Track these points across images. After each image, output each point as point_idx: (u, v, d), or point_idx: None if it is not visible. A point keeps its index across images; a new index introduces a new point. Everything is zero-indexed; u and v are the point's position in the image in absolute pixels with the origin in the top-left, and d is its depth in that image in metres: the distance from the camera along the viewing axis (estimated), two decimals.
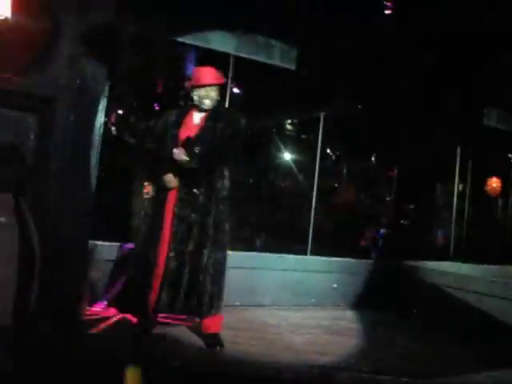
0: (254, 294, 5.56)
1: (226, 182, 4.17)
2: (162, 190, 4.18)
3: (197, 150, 4.03)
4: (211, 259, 4.04)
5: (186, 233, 4.04)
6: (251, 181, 7.20)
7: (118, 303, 4.66)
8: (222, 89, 4.33)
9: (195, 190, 4.07)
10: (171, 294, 4.00)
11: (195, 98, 4.19)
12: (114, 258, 4.97)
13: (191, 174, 4.06)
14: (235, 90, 7.10)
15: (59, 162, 3.73)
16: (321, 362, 4.00)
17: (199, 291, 4.01)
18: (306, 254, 6.28)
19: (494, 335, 4.93)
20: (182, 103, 5.39)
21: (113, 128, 6.47)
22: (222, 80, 4.27)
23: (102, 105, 4.18)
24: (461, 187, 8.36)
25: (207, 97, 4.15)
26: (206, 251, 4.03)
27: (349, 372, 3.89)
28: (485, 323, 5.15)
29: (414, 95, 6.75)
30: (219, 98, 4.25)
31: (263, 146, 7.60)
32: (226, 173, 4.17)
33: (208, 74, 4.22)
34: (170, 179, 4.10)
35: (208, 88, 4.15)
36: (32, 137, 3.85)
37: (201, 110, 4.20)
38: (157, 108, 7.26)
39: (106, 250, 4.94)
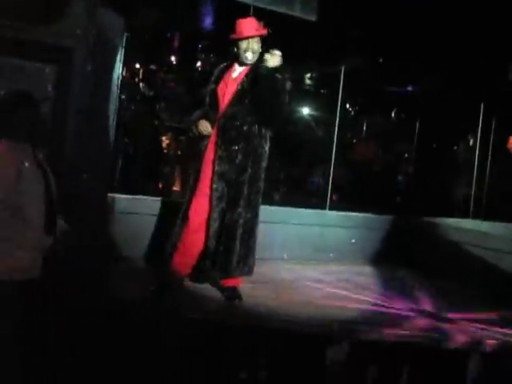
0: (272, 248, 5.55)
1: (264, 141, 4.12)
2: (200, 141, 4.13)
3: (233, 124, 4.00)
4: (242, 219, 4.03)
5: (224, 190, 4.01)
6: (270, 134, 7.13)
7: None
8: (264, 41, 4.15)
9: (234, 147, 4.02)
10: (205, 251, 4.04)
11: (238, 51, 4.09)
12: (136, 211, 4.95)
13: (230, 129, 4.02)
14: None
15: (77, 114, 3.71)
16: (340, 317, 4.01)
17: (229, 250, 4.00)
18: (324, 209, 6.24)
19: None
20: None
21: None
22: (264, 31, 4.13)
23: (120, 56, 4.13)
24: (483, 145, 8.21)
25: (249, 49, 4.04)
26: (239, 210, 4.01)
27: (367, 326, 3.91)
28: (504, 281, 5.12)
29: (438, 49, 6.57)
30: (261, 51, 4.11)
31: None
32: (265, 131, 4.12)
33: (249, 25, 4.09)
34: (204, 126, 4.03)
35: (250, 40, 4.04)
36: (50, 88, 3.81)
37: (242, 64, 4.11)
38: (174, 62, 7.20)
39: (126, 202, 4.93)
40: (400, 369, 3.65)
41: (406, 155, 8.13)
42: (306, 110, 7.89)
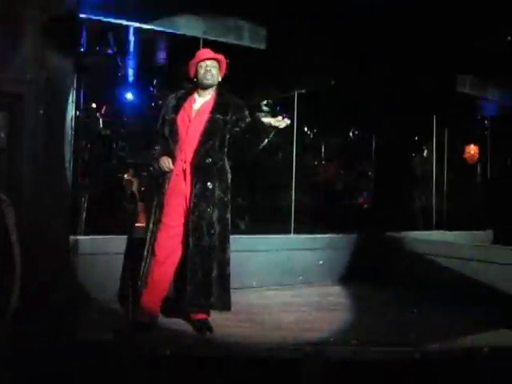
0: (240, 277, 5.52)
1: (229, 173, 4.17)
2: (160, 176, 4.12)
3: (208, 161, 4.02)
4: (217, 253, 4.04)
5: (200, 225, 3.99)
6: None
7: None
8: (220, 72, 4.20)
9: (211, 185, 4.03)
10: (183, 287, 4.01)
11: (198, 77, 4.13)
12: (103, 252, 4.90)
13: (206, 167, 4.03)
14: None
15: (32, 159, 3.68)
16: (312, 339, 4.01)
17: (206, 284, 3.99)
18: (289, 233, 6.27)
19: (480, 298, 4.98)
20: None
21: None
22: (221, 56, 4.20)
23: (72, 96, 4.12)
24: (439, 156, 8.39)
25: (208, 72, 4.09)
26: (215, 245, 4.02)
27: (340, 346, 3.91)
28: (470, 288, 5.20)
29: (388, 65, 6.73)
30: (220, 81, 4.18)
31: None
32: (227, 163, 4.17)
33: (206, 50, 4.23)
34: (166, 162, 4.02)
35: (208, 63, 4.11)
36: (3, 135, 3.78)
37: (201, 95, 4.15)
38: (129, 97, 7.21)
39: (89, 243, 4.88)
40: None
41: (369, 173, 8.25)
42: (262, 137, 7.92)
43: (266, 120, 3.97)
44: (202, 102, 4.15)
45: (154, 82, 7.10)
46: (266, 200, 7.56)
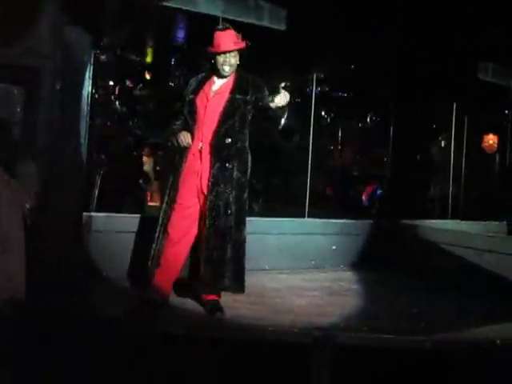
0: (253, 259, 5.49)
1: (249, 155, 4.15)
2: (177, 153, 4.10)
3: (227, 141, 3.99)
4: (233, 235, 4.03)
5: (218, 206, 3.97)
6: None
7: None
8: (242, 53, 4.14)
9: (230, 165, 4.00)
10: (197, 268, 4.02)
11: (215, 64, 4.06)
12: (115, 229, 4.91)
13: (225, 148, 4.00)
14: None
15: (47, 134, 3.67)
16: (322, 324, 3.99)
17: (221, 265, 3.98)
18: (303, 217, 6.24)
19: (494, 289, 4.94)
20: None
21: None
22: (242, 44, 4.10)
23: (89, 73, 4.10)
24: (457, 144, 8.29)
25: (226, 63, 4.02)
26: (231, 225, 4.01)
27: (350, 332, 3.89)
28: (484, 278, 5.16)
29: (408, 51, 6.63)
30: (238, 63, 4.12)
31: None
32: (247, 144, 4.14)
33: (227, 38, 4.06)
34: (185, 137, 3.99)
35: (228, 54, 4.03)
36: (19, 109, 3.77)
37: (220, 76, 4.10)
38: (147, 77, 7.18)
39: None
40: (385, 373, 3.63)
41: (385, 159, 8.18)
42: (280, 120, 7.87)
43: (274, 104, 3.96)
44: (220, 83, 4.11)
45: (172, 60, 7.05)
46: (281, 183, 7.54)
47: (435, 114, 8.07)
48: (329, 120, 8.36)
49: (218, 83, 4.11)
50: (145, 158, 6.67)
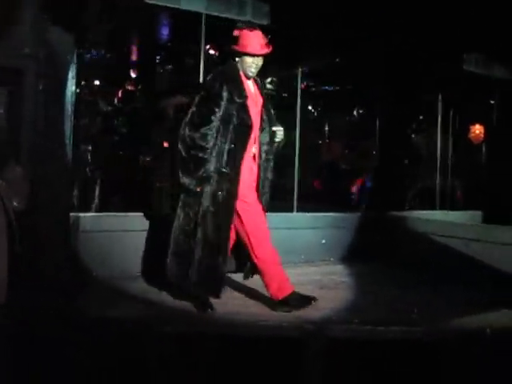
0: None
1: None
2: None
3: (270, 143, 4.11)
4: None
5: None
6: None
7: None
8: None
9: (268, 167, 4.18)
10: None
11: (241, 63, 4.00)
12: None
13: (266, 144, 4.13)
14: (211, 52, 6.96)
15: (32, 135, 3.64)
16: (314, 318, 4.00)
17: None
18: (292, 211, 6.23)
19: (482, 278, 4.96)
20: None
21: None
22: (270, 48, 4.06)
23: (72, 72, 4.07)
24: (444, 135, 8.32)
25: (255, 65, 4.00)
26: None
27: (342, 325, 3.91)
28: (472, 268, 5.18)
29: (393, 44, 6.64)
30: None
31: None
32: None
33: (260, 40, 4.02)
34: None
35: (260, 58, 4.00)
36: (2, 110, 3.74)
37: (247, 77, 4.05)
38: (133, 75, 7.15)
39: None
40: (377, 364, 3.64)
41: (373, 152, 8.20)
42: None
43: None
44: (250, 83, 4.08)
45: (156, 58, 7.03)
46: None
47: (421, 105, 8.09)
48: (315, 114, 8.38)
49: (250, 84, 4.07)
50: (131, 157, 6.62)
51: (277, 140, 4.08)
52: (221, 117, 3.87)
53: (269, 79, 8.04)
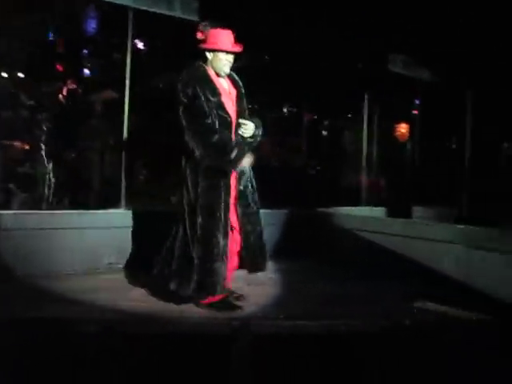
0: None
1: None
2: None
3: (258, 131, 4.09)
4: None
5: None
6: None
7: None
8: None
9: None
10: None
11: (213, 62, 4.02)
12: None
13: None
14: (139, 46, 6.87)
15: None
16: (241, 314, 4.02)
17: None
18: None
19: (405, 272, 5.12)
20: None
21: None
22: (241, 47, 4.08)
23: None
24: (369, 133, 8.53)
25: (229, 63, 4.03)
26: None
27: (268, 321, 3.94)
28: (396, 262, 5.33)
29: (319, 41, 6.75)
30: None
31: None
32: None
33: (229, 39, 4.03)
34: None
35: (232, 55, 4.02)
36: None
37: (218, 75, 4.06)
38: (59, 68, 6.94)
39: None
40: (303, 358, 3.70)
41: (302, 149, 8.30)
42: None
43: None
44: (223, 81, 4.09)
45: (82, 51, 6.86)
46: None
47: (348, 103, 8.26)
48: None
49: (222, 81, 4.08)
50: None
51: (243, 134, 4.02)
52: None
53: None
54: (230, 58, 4.02)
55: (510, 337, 3.81)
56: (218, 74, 4.04)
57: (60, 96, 6.39)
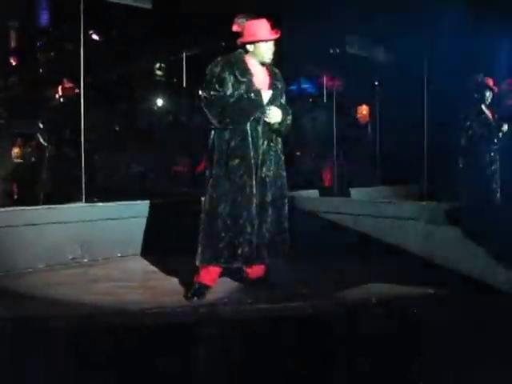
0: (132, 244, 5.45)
1: None
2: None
3: (285, 118, 4.12)
4: None
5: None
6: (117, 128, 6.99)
7: None
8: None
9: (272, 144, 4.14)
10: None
11: (256, 50, 4.04)
12: None
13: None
14: (94, 36, 6.77)
15: None
16: (207, 301, 4.01)
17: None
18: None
19: (371, 252, 5.18)
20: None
21: None
22: (279, 32, 4.08)
23: None
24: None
25: (269, 50, 4.05)
26: None
27: (234, 306, 3.95)
28: (361, 241, 5.38)
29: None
30: None
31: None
32: None
33: (266, 27, 4.05)
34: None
35: (272, 42, 4.05)
36: None
37: (257, 61, 4.09)
38: (14, 62, 6.80)
39: None
40: (271, 341, 3.71)
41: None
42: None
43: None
44: (260, 70, 4.11)
45: (35, 43, 6.73)
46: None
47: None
48: None
49: (260, 69, 4.10)
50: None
51: (267, 120, 4.05)
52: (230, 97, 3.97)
53: (157, 65, 7.95)
54: (270, 45, 4.07)
55: (468, 310, 3.91)
56: (262, 64, 4.11)
57: (14, 89, 6.26)
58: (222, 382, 3.35)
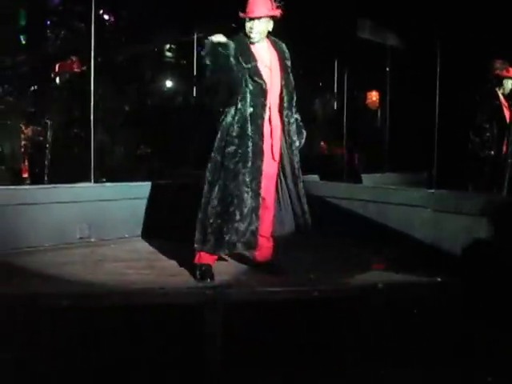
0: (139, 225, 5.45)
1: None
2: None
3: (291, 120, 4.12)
4: None
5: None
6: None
7: None
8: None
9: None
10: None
11: (247, 30, 3.97)
12: None
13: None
14: (105, 17, 6.75)
15: None
16: (214, 283, 4.01)
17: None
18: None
19: (378, 237, 5.16)
20: None
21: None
22: (276, 12, 3.97)
23: None
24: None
25: (252, 30, 3.94)
26: None
27: (241, 288, 3.95)
28: (369, 227, 5.35)
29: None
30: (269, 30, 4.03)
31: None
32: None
33: (256, 4, 3.93)
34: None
35: (256, 21, 3.92)
36: None
37: (257, 42, 4.01)
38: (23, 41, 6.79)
39: None
40: (278, 324, 3.72)
41: None
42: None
43: None
44: (263, 49, 4.04)
45: (46, 22, 6.71)
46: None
47: (320, 68, 8.18)
48: None
49: (261, 49, 4.02)
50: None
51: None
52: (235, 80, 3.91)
53: (167, 46, 7.91)
54: (252, 24, 3.95)
55: (473, 297, 3.90)
56: (252, 42, 4.02)
57: (24, 68, 6.25)
58: (227, 362, 3.39)
